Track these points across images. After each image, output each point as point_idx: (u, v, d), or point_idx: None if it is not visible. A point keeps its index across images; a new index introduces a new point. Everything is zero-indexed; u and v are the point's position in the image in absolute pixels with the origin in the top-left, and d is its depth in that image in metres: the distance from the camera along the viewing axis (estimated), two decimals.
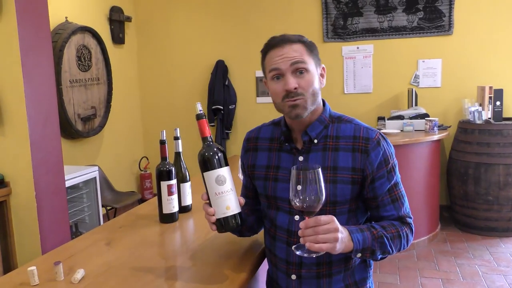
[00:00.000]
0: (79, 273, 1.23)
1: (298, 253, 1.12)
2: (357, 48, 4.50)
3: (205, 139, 1.23)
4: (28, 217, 2.49)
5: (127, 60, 4.95)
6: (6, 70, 2.39)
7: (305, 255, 1.11)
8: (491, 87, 3.96)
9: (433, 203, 3.81)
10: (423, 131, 3.83)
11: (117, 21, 4.68)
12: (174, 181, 1.72)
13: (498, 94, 3.92)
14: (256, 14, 4.72)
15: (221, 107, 4.71)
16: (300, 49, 1.21)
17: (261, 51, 1.28)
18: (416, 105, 4.20)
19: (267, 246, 1.38)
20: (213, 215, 1.19)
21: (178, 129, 1.81)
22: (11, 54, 2.35)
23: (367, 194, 1.24)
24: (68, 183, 3.08)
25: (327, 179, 1.20)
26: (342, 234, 1.09)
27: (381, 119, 4.25)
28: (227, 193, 1.18)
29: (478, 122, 3.83)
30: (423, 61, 4.37)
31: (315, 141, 1.26)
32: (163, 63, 5.07)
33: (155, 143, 1.90)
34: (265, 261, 1.43)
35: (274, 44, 1.23)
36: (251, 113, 4.85)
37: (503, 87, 4.02)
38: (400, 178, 1.28)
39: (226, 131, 4.82)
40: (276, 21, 4.65)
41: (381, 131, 3.85)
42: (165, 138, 1.74)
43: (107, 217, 3.93)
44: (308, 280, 1.27)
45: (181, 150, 1.82)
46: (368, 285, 1.33)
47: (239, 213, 1.20)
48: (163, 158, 1.73)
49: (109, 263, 1.35)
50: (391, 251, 1.21)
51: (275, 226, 1.31)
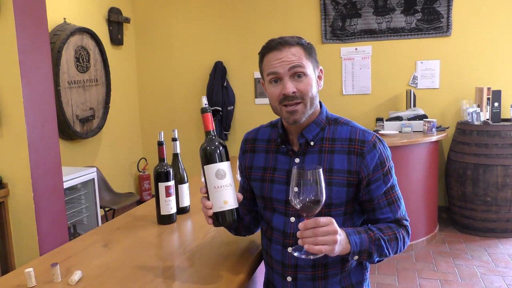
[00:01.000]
0: (76, 275, 1.23)
1: (296, 254, 1.11)
2: (356, 49, 4.51)
3: (208, 133, 1.23)
4: (26, 218, 2.48)
5: (125, 61, 4.95)
6: (4, 71, 2.38)
7: (303, 256, 1.10)
8: (489, 88, 3.96)
9: (432, 204, 3.81)
10: (422, 132, 3.83)
11: (116, 22, 4.68)
12: (172, 183, 1.72)
13: (496, 95, 3.93)
14: (254, 15, 4.72)
15: (220, 109, 4.71)
16: (298, 53, 1.21)
17: (259, 53, 1.27)
18: (414, 106, 4.21)
19: (263, 247, 1.38)
20: (210, 208, 1.19)
21: (176, 131, 1.81)
22: (9, 55, 2.35)
23: (363, 196, 1.24)
24: (66, 184, 3.08)
25: None
26: (340, 236, 1.09)
27: (379, 120, 4.25)
28: (226, 187, 1.18)
29: (476, 123, 3.83)
30: (421, 62, 4.37)
31: (312, 143, 1.26)
32: (162, 65, 5.07)
33: (153, 144, 1.89)
34: (263, 262, 1.43)
35: (272, 47, 1.22)
36: (249, 114, 4.85)
37: (501, 88, 4.02)
38: (396, 180, 1.28)
39: (224, 132, 4.82)
40: (274, 22, 4.66)
41: (380, 132, 3.86)
42: (163, 139, 1.74)
43: (105, 219, 3.92)
44: (303, 282, 1.27)
45: (179, 151, 1.83)
46: None
47: (236, 209, 1.20)
48: (161, 159, 1.73)
49: (106, 264, 1.34)
50: (388, 254, 1.21)
51: (271, 227, 1.31)
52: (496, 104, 3.93)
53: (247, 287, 1.32)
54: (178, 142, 1.82)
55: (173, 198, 1.72)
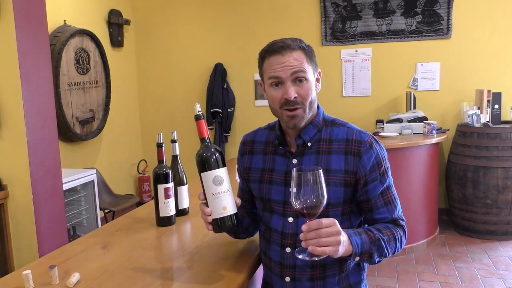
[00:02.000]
0: (75, 277, 1.22)
1: (300, 256, 1.11)
2: (356, 51, 4.50)
3: (203, 140, 1.23)
4: (25, 220, 2.48)
5: (125, 63, 4.95)
6: (4, 73, 2.38)
7: (307, 258, 1.10)
8: (489, 91, 3.96)
9: (432, 206, 3.81)
10: (422, 134, 3.83)
11: (116, 24, 4.69)
12: (171, 184, 1.71)
13: (496, 97, 3.93)
14: (254, 17, 4.73)
15: (220, 110, 4.71)
16: (300, 57, 1.21)
17: (260, 54, 1.27)
18: (414, 108, 4.21)
19: (262, 249, 1.38)
20: (210, 215, 1.19)
21: (175, 132, 1.81)
22: (9, 57, 2.35)
23: (360, 196, 1.25)
24: (66, 186, 3.08)
25: None
26: (343, 237, 1.09)
27: (379, 122, 4.25)
28: (224, 193, 1.18)
29: (476, 125, 3.83)
30: (422, 65, 4.37)
31: (309, 144, 1.27)
32: (162, 66, 5.08)
33: (153, 146, 1.89)
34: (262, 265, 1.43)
35: (274, 50, 1.22)
36: (249, 116, 4.85)
37: (502, 91, 4.02)
38: (392, 181, 1.28)
39: (224, 134, 4.82)
40: (274, 24, 4.66)
41: (380, 134, 3.86)
42: (162, 141, 1.74)
43: (105, 220, 3.91)
44: (302, 282, 1.27)
45: (178, 153, 1.82)
46: None
47: (235, 214, 1.21)
48: (160, 161, 1.72)
49: (105, 266, 1.34)
50: (387, 254, 1.22)
51: (269, 228, 1.32)
52: (496, 106, 3.92)
53: None
54: (177, 144, 1.81)
55: (172, 200, 1.71)
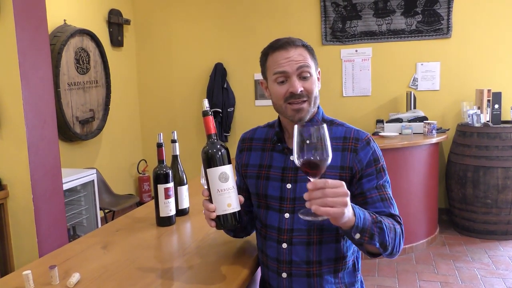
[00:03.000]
0: (75, 277, 1.22)
1: (304, 218, 1.05)
2: (356, 51, 4.50)
3: (209, 136, 1.23)
4: (25, 220, 2.48)
5: (125, 63, 4.95)
6: (4, 72, 2.38)
7: (309, 218, 1.04)
8: (489, 90, 3.96)
9: (432, 206, 3.81)
10: (422, 134, 3.83)
11: (116, 24, 4.68)
12: (171, 184, 1.71)
13: (496, 97, 3.92)
14: (254, 17, 4.72)
15: (220, 110, 4.71)
16: (304, 53, 1.25)
17: (263, 52, 1.29)
18: (414, 108, 4.21)
19: (259, 247, 1.39)
20: (214, 211, 1.18)
21: (175, 132, 1.81)
22: (9, 56, 2.35)
23: (355, 190, 1.25)
24: (65, 186, 3.08)
25: None
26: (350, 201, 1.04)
27: (379, 122, 4.25)
28: (229, 190, 1.18)
29: (476, 125, 3.82)
30: (422, 64, 4.37)
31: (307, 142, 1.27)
32: (162, 66, 5.07)
33: (153, 146, 1.89)
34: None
35: (279, 46, 1.25)
36: (250, 115, 4.85)
37: (502, 90, 4.02)
38: (389, 183, 1.28)
39: (224, 134, 4.82)
40: (274, 24, 4.66)
41: (380, 134, 3.86)
42: (162, 141, 1.74)
43: (105, 220, 3.91)
44: (298, 278, 1.28)
45: (178, 153, 1.82)
46: None
47: (238, 211, 1.20)
48: (160, 161, 1.72)
49: (105, 266, 1.34)
50: (387, 243, 1.16)
51: (265, 225, 1.33)
52: (496, 106, 3.92)
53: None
54: (177, 144, 1.81)
55: (172, 200, 1.71)
